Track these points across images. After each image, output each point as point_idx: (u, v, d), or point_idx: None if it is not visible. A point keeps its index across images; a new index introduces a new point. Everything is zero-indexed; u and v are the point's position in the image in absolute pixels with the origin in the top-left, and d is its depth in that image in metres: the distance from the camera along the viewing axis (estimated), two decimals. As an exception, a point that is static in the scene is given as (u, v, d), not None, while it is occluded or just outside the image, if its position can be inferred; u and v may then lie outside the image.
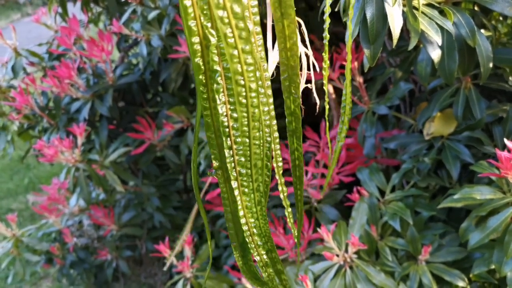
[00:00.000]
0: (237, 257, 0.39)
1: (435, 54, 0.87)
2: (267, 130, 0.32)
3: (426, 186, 1.17)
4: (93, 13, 1.90)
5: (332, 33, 1.53)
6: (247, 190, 0.33)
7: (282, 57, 0.37)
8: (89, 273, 1.95)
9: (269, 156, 0.33)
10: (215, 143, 0.32)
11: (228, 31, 0.28)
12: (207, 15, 0.28)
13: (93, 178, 1.55)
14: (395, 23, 0.75)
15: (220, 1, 0.27)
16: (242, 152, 0.32)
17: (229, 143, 0.32)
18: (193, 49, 0.29)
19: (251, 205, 0.34)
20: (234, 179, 0.32)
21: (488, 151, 1.05)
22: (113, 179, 1.57)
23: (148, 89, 1.79)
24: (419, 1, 0.80)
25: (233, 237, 0.38)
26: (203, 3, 0.27)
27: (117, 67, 1.68)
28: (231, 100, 0.30)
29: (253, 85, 0.30)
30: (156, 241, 1.84)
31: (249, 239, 0.36)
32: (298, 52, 0.37)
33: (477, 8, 0.99)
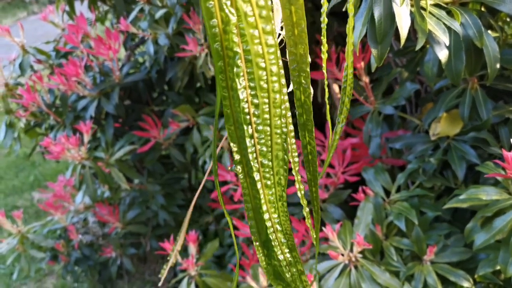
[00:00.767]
0: (260, 257, 0.37)
1: (442, 54, 0.87)
2: (282, 120, 0.31)
3: (431, 186, 1.17)
4: (100, 11, 1.91)
5: (338, 33, 1.54)
6: (269, 182, 0.32)
7: (290, 46, 0.35)
8: (93, 270, 1.96)
9: (286, 148, 0.32)
10: (235, 135, 0.31)
11: (248, 9, 0.27)
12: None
13: (99, 175, 1.56)
14: (403, 23, 0.76)
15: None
16: (263, 141, 0.30)
17: (250, 132, 0.30)
18: (211, 33, 0.28)
19: (274, 199, 0.32)
20: (256, 170, 0.31)
21: (494, 152, 1.05)
22: (118, 176, 1.57)
23: (154, 87, 1.79)
24: (426, 1, 0.81)
25: (256, 235, 0.36)
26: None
27: (124, 66, 1.68)
28: (252, 84, 0.29)
29: (274, 68, 0.29)
30: (160, 239, 1.85)
31: (272, 236, 0.34)
32: (306, 39, 0.35)
33: (484, 9, 0.99)
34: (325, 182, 1.34)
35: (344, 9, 0.88)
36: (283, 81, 0.30)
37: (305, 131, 0.37)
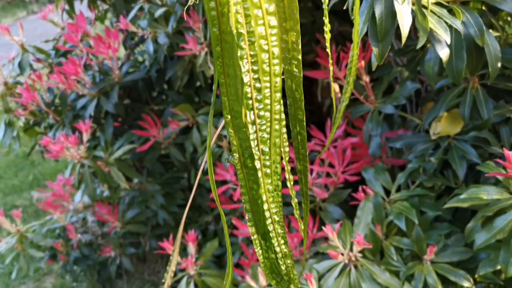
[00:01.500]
0: (258, 250, 0.36)
1: (444, 53, 0.86)
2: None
3: (432, 186, 1.17)
4: (99, 10, 1.90)
5: (338, 32, 1.53)
6: (269, 171, 0.31)
7: (282, 33, 0.34)
8: (92, 269, 1.95)
9: (282, 135, 0.32)
10: (232, 123, 0.30)
11: None
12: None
13: (98, 174, 1.56)
14: (404, 21, 0.75)
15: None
16: (264, 127, 0.30)
17: (252, 118, 0.30)
18: (210, 16, 0.27)
19: (272, 188, 0.32)
20: (257, 158, 0.30)
21: (495, 152, 1.05)
22: (117, 176, 1.57)
23: (153, 86, 1.79)
24: (428, -1, 0.80)
25: (254, 227, 0.35)
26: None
27: (123, 65, 1.68)
28: (255, 68, 0.28)
29: (276, 50, 0.28)
30: (160, 238, 1.84)
31: (271, 228, 0.34)
32: (298, 27, 0.33)
33: (485, 7, 0.99)
34: (325, 181, 1.34)
35: (344, 8, 0.88)
36: (282, 65, 0.30)
37: (295, 120, 0.36)
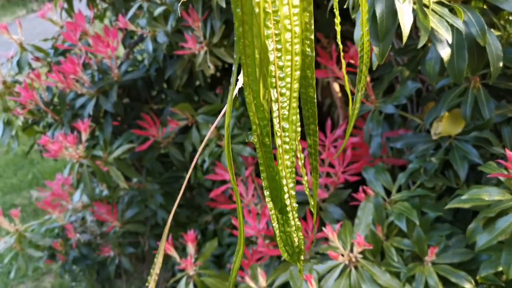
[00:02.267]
0: (275, 225, 0.38)
1: (445, 52, 0.85)
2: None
3: (432, 186, 1.16)
4: (98, 9, 1.89)
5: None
6: (288, 147, 0.32)
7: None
8: (91, 269, 1.94)
9: (297, 112, 0.33)
10: (253, 103, 0.31)
11: None
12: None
13: (97, 174, 1.55)
14: (405, 20, 0.74)
15: None
16: (285, 105, 0.31)
17: (276, 96, 0.30)
18: None
19: (290, 164, 0.33)
20: (278, 136, 0.31)
21: (496, 152, 1.04)
22: (117, 175, 1.56)
23: (153, 85, 1.78)
24: (429, -2, 0.79)
25: (272, 203, 0.36)
26: None
27: (122, 63, 1.67)
28: (279, 47, 0.29)
29: (297, 30, 0.29)
30: (159, 238, 1.83)
31: (288, 202, 0.35)
32: (311, 6, 0.33)
33: (486, 7, 0.98)
34: (325, 181, 1.33)
35: (345, 7, 0.87)
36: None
37: (307, 98, 0.36)
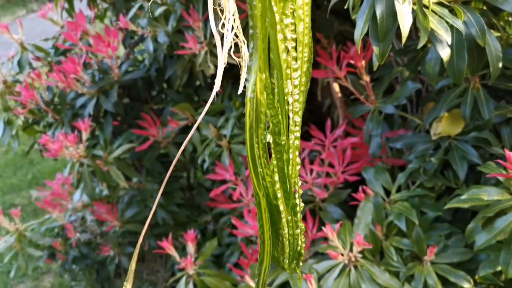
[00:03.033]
0: (285, 230, 0.39)
1: (445, 53, 0.86)
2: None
3: (432, 186, 1.16)
4: (99, 9, 1.90)
5: (339, 31, 1.53)
6: (297, 142, 0.35)
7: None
8: (91, 269, 1.95)
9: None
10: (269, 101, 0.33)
11: None
12: None
13: (97, 173, 1.55)
14: (405, 21, 0.75)
15: None
16: (298, 97, 0.33)
17: (291, 88, 0.33)
18: None
19: (299, 161, 0.36)
20: (291, 131, 0.34)
21: (495, 152, 1.05)
22: (117, 175, 1.56)
23: (153, 85, 1.78)
24: (429, -1, 0.80)
25: (286, 203, 0.38)
26: None
27: (123, 63, 1.67)
28: (294, 36, 0.31)
29: (307, 20, 0.32)
30: (159, 238, 1.83)
31: (297, 201, 0.38)
32: None
33: (486, 7, 0.98)
34: (325, 181, 1.33)
35: (345, 7, 0.88)
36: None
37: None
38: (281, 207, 0.37)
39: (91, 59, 1.66)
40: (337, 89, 1.49)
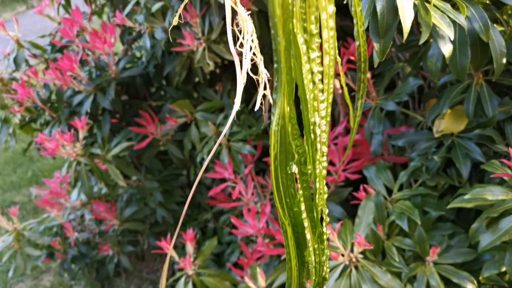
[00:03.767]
0: (311, 237, 0.39)
1: (447, 48, 0.83)
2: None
3: (434, 185, 1.14)
4: (96, 5, 1.87)
5: (339, 27, 1.50)
6: (325, 172, 0.37)
7: None
8: (90, 268, 1.93)
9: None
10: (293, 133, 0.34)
11: None
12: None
13: (95, 172, 1.53)
14: (406, 16, 0.72)
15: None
16: (325, 128, 0.34)
17: (318, 121, 0.34)
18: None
19: (326, 190, 0.38)
20: (319, 162, 0.35)
21: (499, 150, 1.02)
22: (115, 173, 1.54)
23: (151, 82, 1.76)
24: (431, -7, 0.77)
25: (312, 231, 0.38)
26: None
27: (120, 60, 1.65)
28: (320, 69, 0.32)
29: (333, 52, 0.33)
30: (158, 236, 1.82)
31: (324, 229, 0.38)
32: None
33: (489, 1, 0.96)
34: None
35: (345, 2, 0.85)
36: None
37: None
38: (308, 236, 0.38)
39: (88, 56, 1.63)
40: (338, 85, 1.47)
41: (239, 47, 0.37)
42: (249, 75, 0.37)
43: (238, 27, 0.37)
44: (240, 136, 1.45)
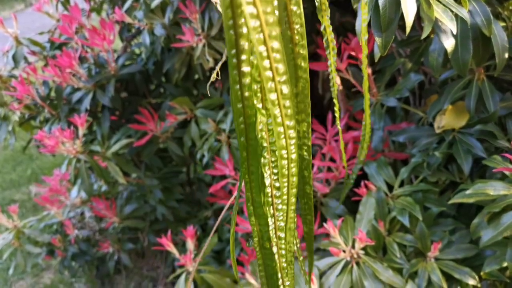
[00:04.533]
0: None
1: (449, 43, 0.83)
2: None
3: (436, 181, 1.14)
4: (95, 1, 1.87)
5: (340, 23, 1.49)
6: (283, 252, 0.40)
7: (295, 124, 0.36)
8: (91, 265, 1.93)
9: (295, 221, 0.39)
10: (254, 212, 0.39)
11: (276, 112, 0.31)
12: (258, 97, 0.31)
13: (95, 169, 1.53)
14: (409, 10, 0.72)
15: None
16: (281, 217, 0.37)
17: (272, 212, 0.37)
18: (239, 129, 0.33)
19: (286, 265, 0.41)
20: (275, 244, 0.39)
21: (501, 145, 1.02)
22: (115, 171, 1.54)
23: (151, 79, 1.75)
24: (433, -13, 0.77)
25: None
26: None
27: (120, 57, 1.64)
28: (275, 171, 0.35)
29: (294, 157, 0.34)
30: (158, 233, 1.81)
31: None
32: (309, 118, 0.39)
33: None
34: (326, 176, 1.31)
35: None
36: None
37: (303, 194, 0.45)
38: None
39: (87, 53, 1.63)
40: (338, 81, 1.46)
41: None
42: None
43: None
44: (240, 132, 1.44)
